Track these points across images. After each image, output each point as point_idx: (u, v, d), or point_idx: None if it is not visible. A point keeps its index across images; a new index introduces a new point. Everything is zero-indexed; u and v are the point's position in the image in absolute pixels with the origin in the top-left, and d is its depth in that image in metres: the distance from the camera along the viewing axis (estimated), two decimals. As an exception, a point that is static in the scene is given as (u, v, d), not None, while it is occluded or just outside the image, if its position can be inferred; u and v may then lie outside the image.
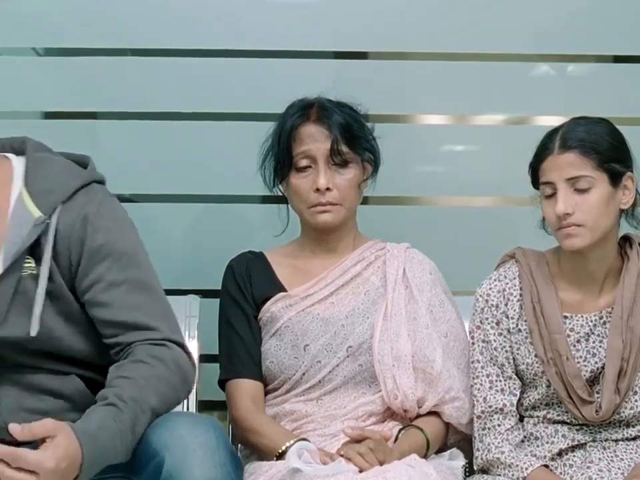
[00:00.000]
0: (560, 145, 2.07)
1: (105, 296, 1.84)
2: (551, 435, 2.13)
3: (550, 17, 2.69)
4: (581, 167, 2.05)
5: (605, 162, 2.06)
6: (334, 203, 2.21)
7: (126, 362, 1.81)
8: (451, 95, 2.69)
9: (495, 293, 2.17)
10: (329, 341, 2.19)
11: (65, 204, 1.85)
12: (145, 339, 1.82)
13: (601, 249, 2.10)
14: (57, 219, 1.84)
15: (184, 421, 1.74)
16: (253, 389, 2.20)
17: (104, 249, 1.85)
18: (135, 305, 1.85)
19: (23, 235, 1.82)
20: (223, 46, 2.61)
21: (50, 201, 1.84)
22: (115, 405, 1.71)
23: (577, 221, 2.05)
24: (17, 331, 1.83)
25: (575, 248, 2.07)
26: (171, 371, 1.80)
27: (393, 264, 2.26)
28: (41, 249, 1.83)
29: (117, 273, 1.85)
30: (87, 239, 1.84)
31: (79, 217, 1.85)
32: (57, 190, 1.85)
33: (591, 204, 2.05)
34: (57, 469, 1.59)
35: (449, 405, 2.17)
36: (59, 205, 1.84)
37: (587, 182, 2.05)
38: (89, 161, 1.93)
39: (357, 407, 2.17)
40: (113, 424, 1.68)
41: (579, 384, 2.09)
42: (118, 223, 1.89)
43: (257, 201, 2.60)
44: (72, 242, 1.84)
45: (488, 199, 2.74)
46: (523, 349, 2.14)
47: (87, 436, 1.64)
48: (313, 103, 2.27)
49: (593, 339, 2.12)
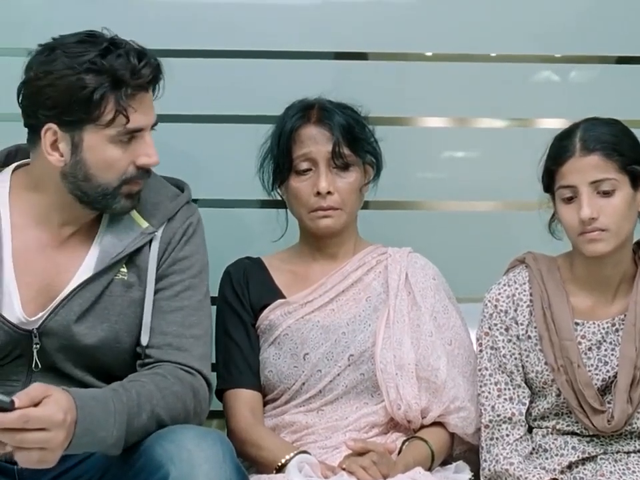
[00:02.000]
0: (582, 146, 2.04)
1: (167, 304, 1.92)
2: (561, 447, 2.10)
3: (552, 18, 2.65)
4: (605, 169, 2.03)
5: (627, 164, 2.04)
6: (335, 207, 2.20)
7: (146, 371, 1.87)
8: (452, 97, 2.66)
9: (504, 299, 2.15)
10: (330, 350, 2.17)
11: (170, 220, 1.97)
12: (175, 361, 1.89)
13: (618, 253, 2.08)
14: (162, 231, 1.96)
15: (190, 434, 1.75)
16: (251, 399, 2.18)
17: (186, 262, 1.97)
18: (186, 326, 1.93)
19: (126, 241, 1.92)
20: (218, 46, 2.58)
21: (159, 215, 1.96)
22: (115, 390, 1.77)
23: (602, 226, 2.02)
24: (86, 335, 1.88)
25: (599, 253, 2.04)
26: (187, 393, 1.84)
27: (395, 269, 2.24)
28: (140, 258, 1.93)
29: (187, 288, 1.95)
30: (177, 246, 1.96)
31: (181, 227, 1.98)
32: (164, 206, 1.98)
33: (616, 208, 2.03)
34: (65, 421, 1.63)
35: (454, 415, 2.15)
36: (165, 221, 1.97)
37: (610, 185, 2.03)
38: (185, 184, 2.06)
39: (359, 418, 2.14)
40: (109, 401, 1.73)
41: (590, 393, 2.06)
42: (204, 245, 2.03)
43: (255, 206, 2.57)
44: (167, 248, 1.96)
45: (490, 204, 2.71)
46: (533, 356, 2.12)
47: (80, 399, 1.68)
48: (313, 104, 2.25)
49: (605, 347, 2.10)
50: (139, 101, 1.87)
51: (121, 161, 1.89)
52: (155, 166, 1.95)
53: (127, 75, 1.84)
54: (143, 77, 1.86)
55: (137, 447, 1.79)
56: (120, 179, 1.90)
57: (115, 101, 1.84)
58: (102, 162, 1.87)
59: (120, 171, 1.89)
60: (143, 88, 1.88)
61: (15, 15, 2.56)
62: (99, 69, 1.83)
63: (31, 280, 1.90)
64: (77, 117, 1.84)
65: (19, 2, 2.60)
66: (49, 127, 1.85)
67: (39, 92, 1.85)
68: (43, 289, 1.90)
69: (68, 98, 1.83)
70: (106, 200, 1.90)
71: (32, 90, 1.87)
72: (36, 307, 1.89)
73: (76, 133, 1.85)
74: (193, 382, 1.88)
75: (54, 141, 1.86)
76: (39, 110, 1.86)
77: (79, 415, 1.66)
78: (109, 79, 1.83)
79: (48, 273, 1.91)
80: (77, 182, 1.88)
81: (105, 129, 1.85)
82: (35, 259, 1.91)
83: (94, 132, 1.85)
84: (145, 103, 1.89)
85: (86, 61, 1.83)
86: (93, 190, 1.89)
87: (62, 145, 1.86)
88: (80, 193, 1.89)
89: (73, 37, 1.88)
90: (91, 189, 1.89)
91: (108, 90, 1.83)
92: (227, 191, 2.58)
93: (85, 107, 1.83)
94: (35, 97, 1.86)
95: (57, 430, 1.62)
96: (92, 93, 1.82)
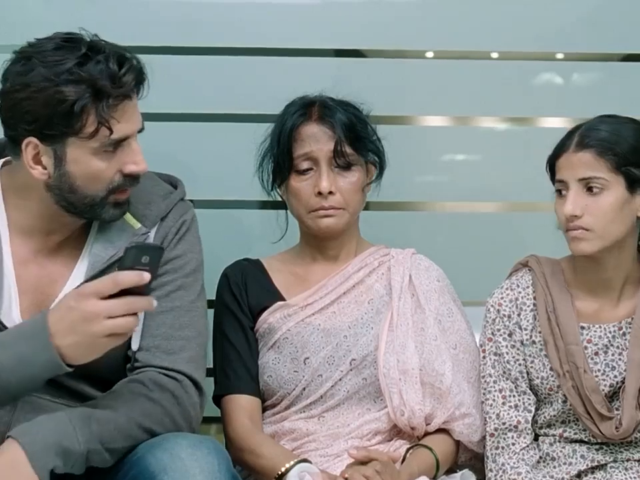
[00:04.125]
0: (577, 142, 2.03)
1: (157, 305, 1.83)
2: (569, 456, 2.08)
3: (555, 15, 2.65)
4: (595, 167, 2.00)
5: (622, 165, 2.01)
6: (337, 207, 2.17)
7: (123, 380, 1.83)
8: (454, 95, 2.65)
9: (507, 303, 2.12)
10: (331, 354, 2.14)
11: (163, 219, 1.93)
12: (160, 366, 1.85)
13: (615, 256, 2.05)
14: (155, 231, 1.92)
15: (184, 443, 1.72)
16: (249, 405, 2.14)
17: (178, 261, 1.92)
18: (176, 327, 1.89)
19: (118, 244, 1.87)
20: (216, 44, 2.57)
21: (152, 215, 1.92)
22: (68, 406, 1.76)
23: (585, 225, 2.00)
24: None
25: (582, 253, 2.03)
26: (167, 399, 1.81)
27: (398, 271, 2.21)
28: None
29: (179, 288, 1.90)
30: (169, 245, 1.92)
31: (174, 225, 1.94)
32: (157, 205, 1.94)
33: (602, 208, 2.00)
34: None
35: (460, 421, 2.12)
36: (158, 220, 1.93)
37: (599, 184, 2.00)
38: (178, 181, 2.03)
39: (362, 425, 2.12)
40: (58, 412, 1.70)
41: (597, 399, 2.03)
42: (198, 243, 1.98)
43: (253, 207, 2.56)
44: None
45: (494, 205, 2.70)
46: (537, 362, 2.09)
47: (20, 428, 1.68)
48: (314, 101, 2.22)
49: (612, 351, 2.07)
50: (122, 110, 1.79)
51: (106, 171, 1.82)
52: (144, 172, 1.89)
53: (108, 84, 1.76)
54: (125, 85, 1.78)
55: (129, 457, 1.76)
56: (107, 189, 1.84)
57: (97, 113, 1.76)
58: (87, 174, 1.81)
59: (106, 181, 1.83)
60: (126, 96, 1.80)
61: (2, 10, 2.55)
62: (77, 79, 1.75)
63: (26, 288, 1.86)
64: (58, 131, 1.77)
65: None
66: (30, 141, 1.78)
67: (16, 105, 1.78)
68: (38, 298, 1.86)
69: (48, 112, 1.75)
70: (94, 210, 1.85)
71: (10, 102, 1.79)
72: (33, 315, 1.83)
73: (58, 146, 1.78)
74: (175, 388, 1.83)
75: (35, 154, 1.80)
76: (19, 123, 1.79)
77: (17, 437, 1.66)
78: (89, 90, 1.75)
79: (41, 281, 1.87)
80: (62, 194, 1.83)
81: (87, 142, 1.78)
82: (29, 267, 1.87)
83: (77, 145, 1.78)
84: (128, 112, 1.81)
85: (64, 71, 1.75)
86: (80, 201, 1.84)
87: (44, 159, 1.80)
88: (66, 204, 1.84)
89: (49, 43, 1.80)
90: (77, 200, 1.83)
91: (89, 102, 1.75)
92: (225, 191, 2.57)
93: (65, 120, 1.76)
94: (13, 109, 1.79)
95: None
96: (72, 105, 1.75)
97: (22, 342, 1.67)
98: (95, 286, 1.64)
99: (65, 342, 1.65)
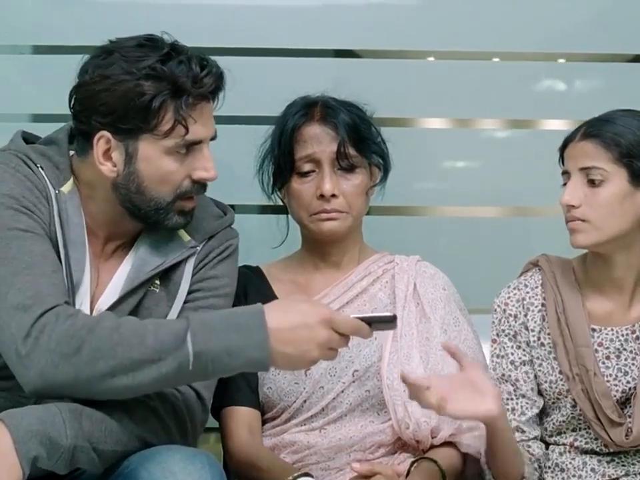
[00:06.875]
0: (583, 132, 2.01)
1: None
2: (579, 468, 2.05)
3: (558, 17, 2.65)
4: (595, 157, 1.97)
5: (625, 156, 1.97)
6: (340, 211, 2.13)
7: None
8: (455, 98, 2.65)
9: (514, 303, 2.10)
10: (333, 365, 2.10)
11: (210, 238, 1.94)
12: None
13: (623, 254, 2.02)
14: (201, 248, 1.93)
15: (177, 456, 1.69)
16: (249, 417, 2.11)
17: (214, 281, 1.91)
18: None
19: (164, 252, 1.88)
20: (214, 44, 2.51)
21: (203, 231, 1.93)
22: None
23: (582, 216, 1.98)
24: None
25: (578, 245, 2.00)
26: (166, 409, 1.77)
27: (402, 279, 2.18)
28: (175, 272, 1.89)
29: (210, 307, 1.89)
30: (209, 263, 1.92)
31: (219, 247, 1.94)
32: (208, 223, 1.95)
33: (600, 199, 1.97)
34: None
35: (467, 434, 2.08)
36: (207, 238, 1.94)
37: (599, 174, 1.97)
38: (227, 208, 2.04)
39: (365, 438, 2.08)
40: (49, 403, 1.67)
41: (607, 404, 2.00)
42: (236, 271, 2.00)
43: (253, 211, 2.56)
44: (200, 265, 1.92)
45: (498, 209, 2.70)
46: (546, 365, 2.06)
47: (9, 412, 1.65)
48: (316, 101, 2.18)
49: (625, 356, 2.04)
50: (199, 112, 1.80)
51: (176, 174, 1.82)
52: (213, 180, 1.89)
53: (189, 82, 1.77)
54: (205, 85, 1.80)
55: (121, 469, 1.72)
56: (174, 193, 1.83)
57: (175, 110, 1.77)
58: (157, 174, 1.81)
59: (175, 184, 1.83)
60: (205, 97, 1.81)
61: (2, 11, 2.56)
62: (158, 75, 1.76)
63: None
64: (133, 125, 1.77)
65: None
66: (102, 135, 1.78)
67: (93, 96, 1.78)
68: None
69: (125, 104, 1.76)
70: (158, 215, 1.84)
71: (86, 94, 1.79)
72: None
73: (131, 143, 1.78)
74: (176, 401, 1.80)
75: (107, 150, 1.80)
76: (93, 116, 1.79)
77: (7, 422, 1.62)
78: (169, 86, 1.76)
79: (92, 289, 1.87)
80: (128, 194, 1.82)
81: (162, 140, 1.78)
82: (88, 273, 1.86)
83: (150, 142, 1.78)
84: (205, 114, 1.82)
85: (145, 67, 1.76)
86: (145, 204, 1.83)
87: (115, 155, 1.80)
88: (131, 206, 1.83)
89: (131, 41, 1.81)
90: (143, 203, 1.83)
91: (168, 98, 1.76)
92: (224, 195, 2.48)
93: (142, 115, 1.76)
94: (89, 101, 1.79)
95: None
96: (150, 100, 1.75)
97: (233, 332, 1.65)
98: (338, 320, 1.67)
99: (282, 349, 1.65)
